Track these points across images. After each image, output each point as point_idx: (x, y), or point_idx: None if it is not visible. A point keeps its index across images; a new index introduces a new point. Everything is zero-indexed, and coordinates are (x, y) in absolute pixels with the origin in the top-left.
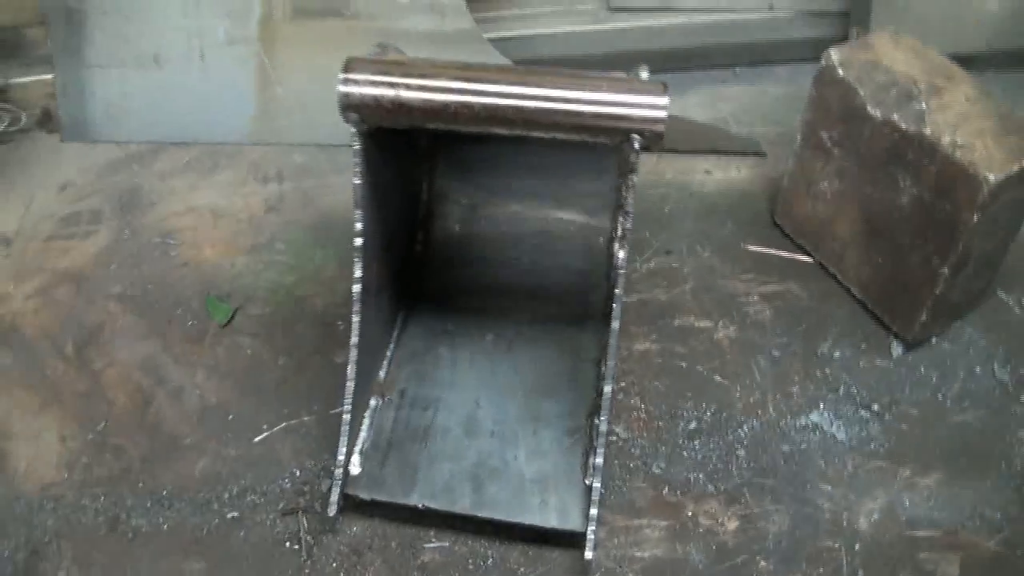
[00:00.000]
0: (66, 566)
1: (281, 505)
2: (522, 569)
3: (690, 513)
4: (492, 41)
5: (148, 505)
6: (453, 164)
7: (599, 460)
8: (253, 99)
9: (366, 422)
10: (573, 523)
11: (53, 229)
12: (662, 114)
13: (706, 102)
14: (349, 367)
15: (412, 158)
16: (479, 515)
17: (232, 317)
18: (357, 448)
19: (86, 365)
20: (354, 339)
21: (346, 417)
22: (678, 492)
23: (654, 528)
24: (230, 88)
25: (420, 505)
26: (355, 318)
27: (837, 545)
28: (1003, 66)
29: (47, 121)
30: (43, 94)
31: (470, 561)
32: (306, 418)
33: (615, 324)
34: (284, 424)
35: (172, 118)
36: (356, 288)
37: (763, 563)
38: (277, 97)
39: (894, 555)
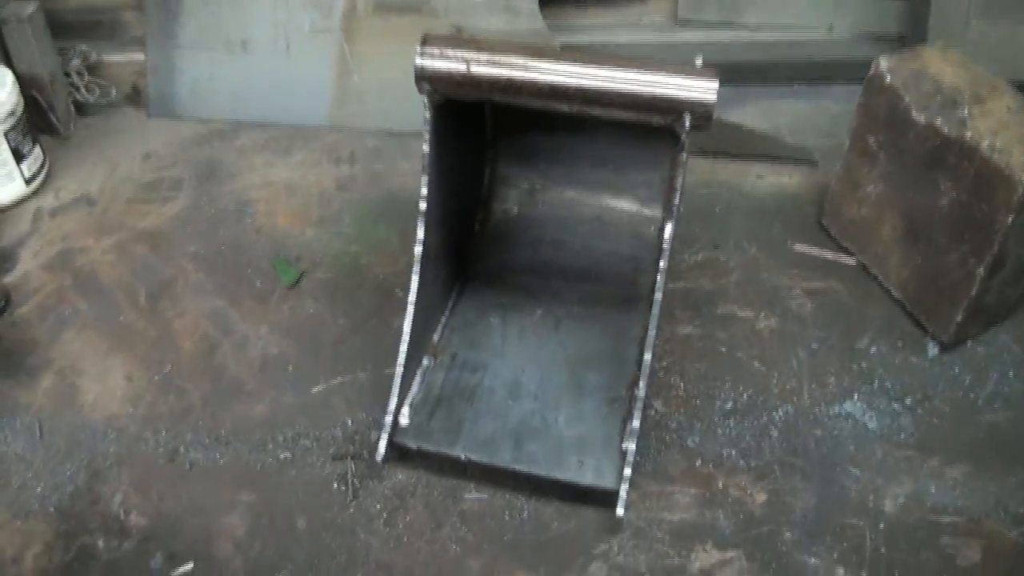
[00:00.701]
0: (124, 489)
1: (332, 450)
2: (556, 524)
3: (720, 484)
4: (562, 47)
5: (206, 441)
6: (515, 151)
7: (636, 424)
8: (332, 86)
9: (418, 378)
10: (607, 482)
11: (135, 193)
12: (712, 95)
13: (763, 114)
14: (405, 323)
15: (478, 144)
16: (518, 469)
17: (299, 279)
18: (408, 401)
19: (157, 314)
20: (412, 296)
21: (399, 369)
22: (710, 465)
23: (684, 495)
24: (311, 75)
25: (463, 456)
26: (414, 278)
27: (861, 523)
28: None
29: (136, 97)
30: (134, 72)
31: (506, 512)
32: (361, 375)
33: (658, 295)
34: (340, 379)
35: (254, 100)
36: (417, 249)
37: (788, 533)
38: (354, 85)
39: (917, 537)
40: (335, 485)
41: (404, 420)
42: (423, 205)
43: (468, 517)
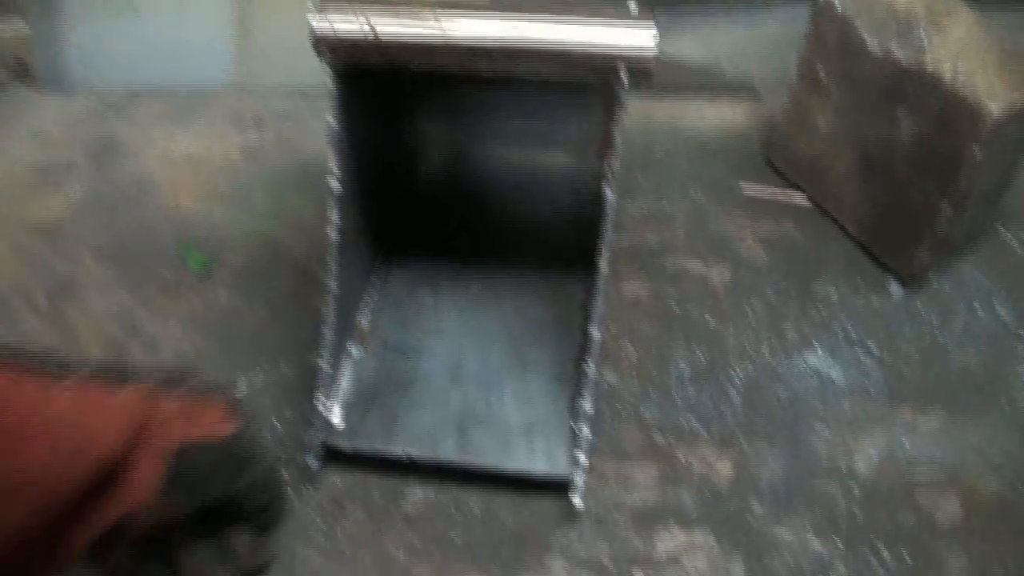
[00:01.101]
0: None
1: None
2: (509, 518)
3: (682, 458)
4: None
5: None
6: (435, 108)
7: (587, 405)
8: (231, 43)
9: (347, 372)
10: (560, 469)
11: (28, 180)
12: (651, 44)
13: (700, 44)
14: (327, 315)
15: (393, 99)
16: (464, 462)
17: (209, 267)
18: (339, 399)
19: (60, 318)
20: (332, 287)
21: (325, 367)
22: (670, 437)
23: (645, 473)
24: (207, 31)
25: (403, 453)
26: (332, 265)
27: (833, 488)
28: (1006, 2)
29: (23, 74)
30: (17, 44)
31: (455, 511)
32: (285, 369)
33: (603, 265)
34: (262, 376)
35: (150, 65)
36: (332, 234)
37: (757, 506)
38: (255, 39)
39: (893, 497)
40: None
41: (337, 420)
42: (335, 185)
43: (413, 520)
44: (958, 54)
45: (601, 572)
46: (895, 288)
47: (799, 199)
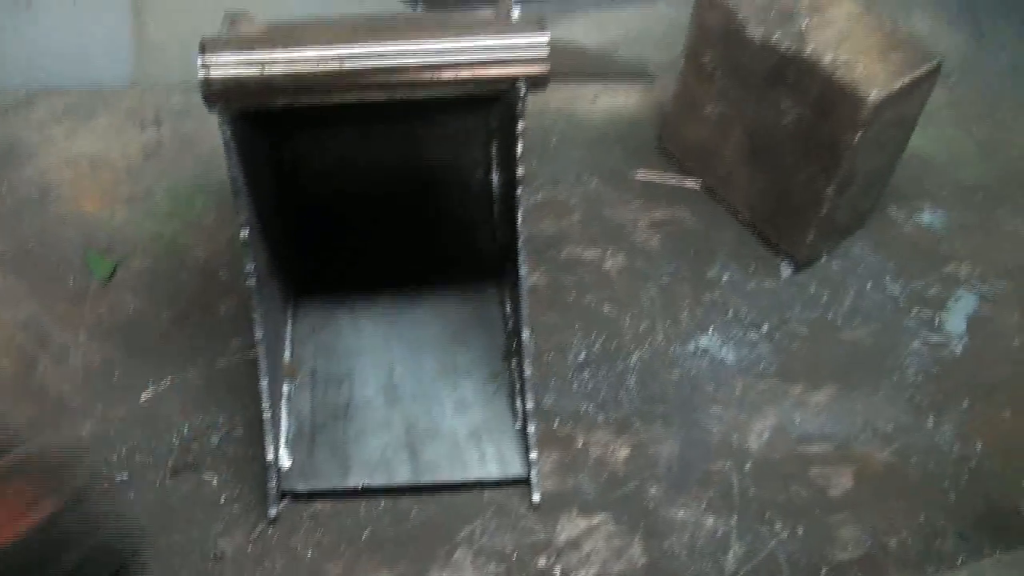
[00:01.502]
0: None
1: (171, 463)
2: (415, 511)
3: (580, 444)
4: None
5: None
6: (311, 121)
7: (530, 404)
8: (127, 39)
9: (284, 411)
10: (514, 470)
11: None
12: (545, 54)
13: (594, 26)
14: (260, 362)
15: (267, 124)
16: (422, 483)
17: (113, 272)
18: (282, 441)
19: None
20: (258, 334)
21: (267, 416)
22: (568, 424)
23: (545, 461)
24: (103, 28)
25: (359, 485)
26: (255, 313)
27: (727, 466)
28: None
29: None
30: None
31: (362, 507)
32: (191, 372)
33: (523, 271)
34: (169, 380)
35: (47, 63)
36: (251, 282)
37: (653, 489)
38: (150, 36)
39: (785, 472)
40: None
41: (285, 463)
42: (244, 233)
43: (321, 518)
44: (839, 41)
45: (505, 561)
46: (786, 269)
47: (691, 184)
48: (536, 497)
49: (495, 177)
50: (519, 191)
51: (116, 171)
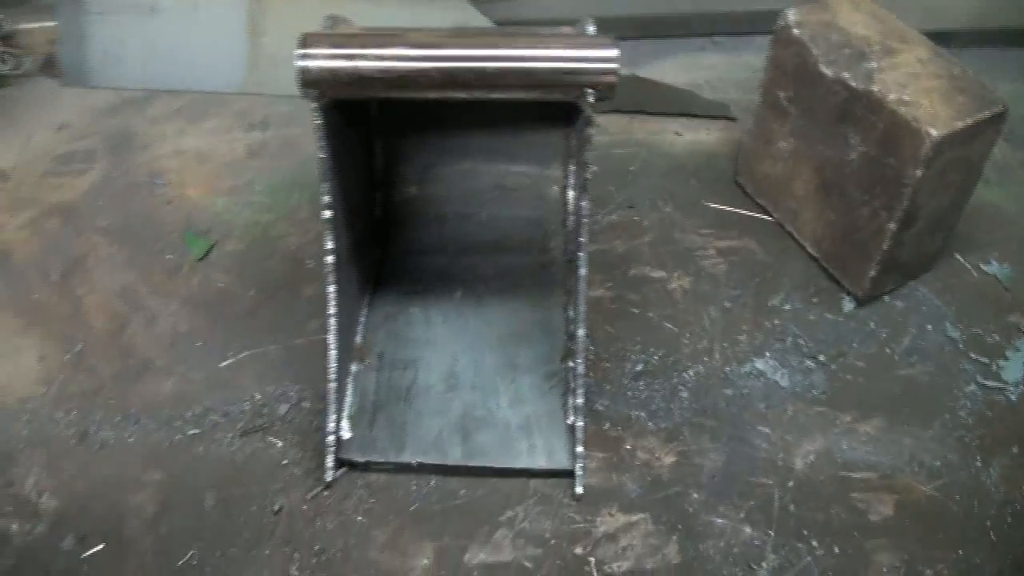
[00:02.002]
0: (36, 471)
1: (241, 426)
2: (463, 491)
3: (628, 447)
4: (474, 2)
5: (116, 420)
6: (403, 128)
7: (580, 400)
8: (243, 50)
9: (349, 387)
10: (561, 462)
11: (49, 166)
12: (613, 66)
13: (683, 68)
14: (329, 337)
15: (364, 127)
16: (471, 465)
17: (209, 251)
18: (344, 413)
19: (69, 291)
20: (331, 309)
21: (332, 385)
22: (619, 428)
23: (592, 459)
24: (221, 38)
25: (413, 462)
26: (330, 289)
27: (770, 482)
28: (982, 43)
29: (49, 67)
30: (46, 41)
31: (413, 483)
32: (270, 347)
33: (582, 271)
34: (249, 352)
35: (166, 66)
36: (329, 259)
37: (695, 495)
38: (265, 48)
39: (827, 493)
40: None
41: (345, 434)
42: (327, 213)
43: (375, 488)
44: (907, 81)
45: (543, 546)
46: (848, 304)
47: (762, 217)
48: (579, 489)
49: (570, 194)
50: (582, 195)
51: (221, 165)
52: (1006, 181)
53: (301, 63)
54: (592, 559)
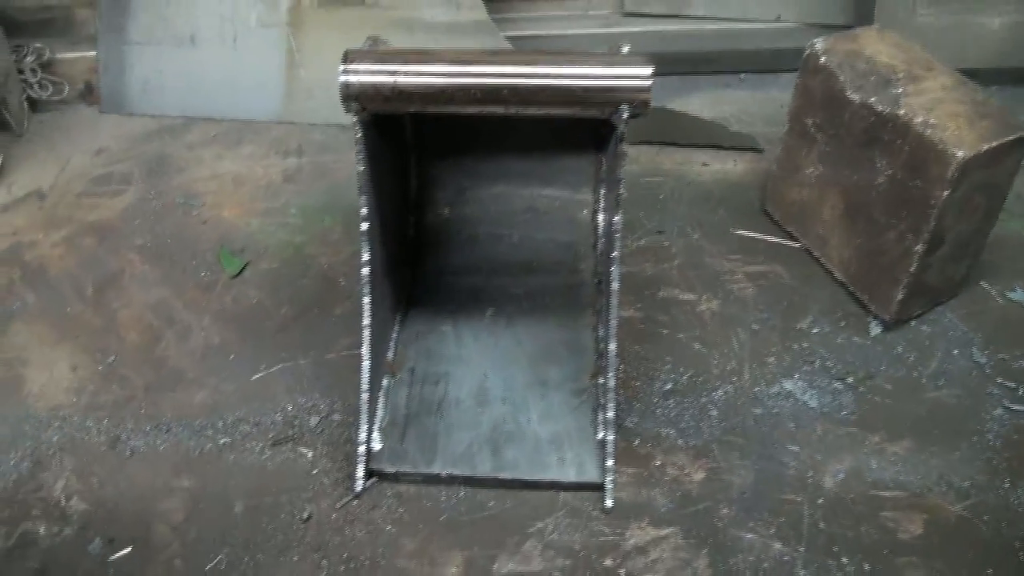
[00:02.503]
0: (66, 476)
1: (271, 435)
2: (492, 503)
3: (658, 463)
4: (509, 39)
5: (147, 429)
6: (439, 150)
7: (611, 414)
8: (280, 80)
9: (381, 400)
10: (590, 475)
11: (85, 187)
12: (648, 83)
13: (710, 103)
14: (363, 347)
15: (400, 148)
16: (501, 477)
17: (243, 269)
18: (376, 425)
19: (103, 305)
20: (366, 320)
21: (364, 396)
22: (649, 444)
23: (622, 474)
24: (259, 69)
25: (443, 473)
26: (365, 300)
27: (800, 499)
28: (1005, 82)
29: (88, 94)
30: (86, 69)
31: (443, 493)
32: (302, 361)
33: (615, 285)
34: (280, 366)
35: (204, 95)
36: (364, 271)
37: (725, 510)
38: (301, 79)
39: (857, 512)
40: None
41: (376, 445)
42: (364, 225)
43: (404, 498)
44: (932, 106)
45: (573, 558)
46: (875, 328)
47: (789, 244)
48: (609, 503)
49: (600, 216)
50: (616, 211)
51: (256, 188)
52: None
53: (344, 77)
54: (622, 571)
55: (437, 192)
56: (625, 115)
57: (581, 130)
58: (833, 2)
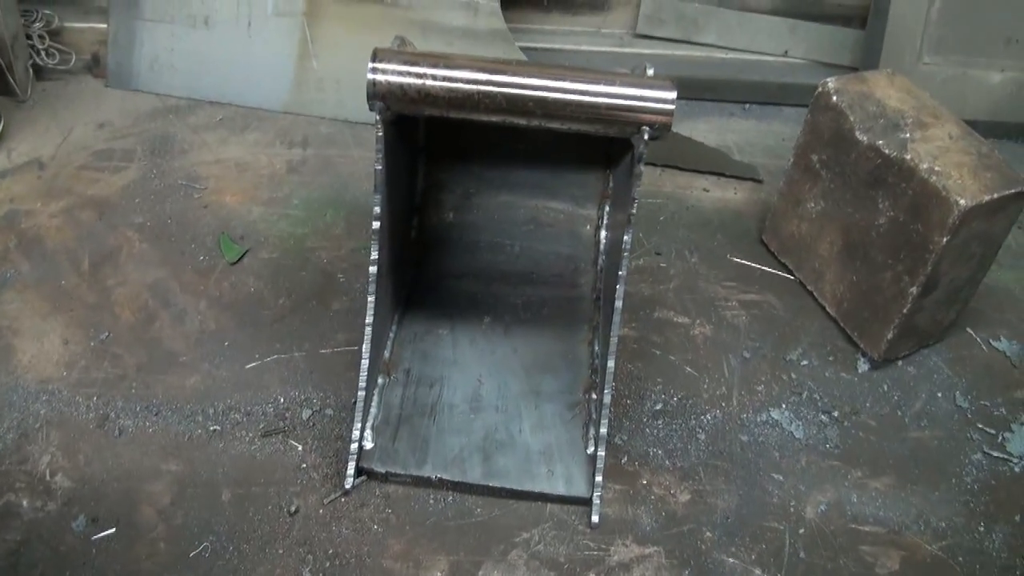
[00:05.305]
0: (52, 451)
1: (262, 426)
2: (479, 510)
3: (645, 482)
4: (522, 50)
5: (137, 409)
6: (448, 155)
7: (603, 431)
8: (291, 70)
9: (375, 399)
10: (579, 490)
11: (86, 160)
12: (671, 107)
13: (714, 130)
14: (364, 345)
15: (410, 150)
16: (491, 485)
17: (242, 256)
18: (369, 424)
19: (99, 281)
20: (369, 318)
21: (361, 394)
22: (636, 463)
23: (609, 490)
24: (271, 57)
25: (433, 477)
26: (370, 299)
27: (782, 527)
28: (1000, 136)
29: (95, 66)
30: (95, 41)
31: (431, 497)
32: (297, 354)
33: (618, 303)
34: (275, 356)
35: (212, 78)
36: (372, 269)
37: (708, 533)
38: (313, 71)
39: (836, 544)
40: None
41: (368, 444)
42: (376, 224)
43: (392, 499)
44: (938, 153)
45: (557, 569)
46: (863, 365)
47: (784, 275)
48: (595, 518)
49: (603, 234)
50: (627, 230)
51: (260, 176)
52: (1018, 265)
53: (371, 76)
54: None
55: (443, 195)
56: (646, 136)
57: (590, 146)
58: (841, 42)
